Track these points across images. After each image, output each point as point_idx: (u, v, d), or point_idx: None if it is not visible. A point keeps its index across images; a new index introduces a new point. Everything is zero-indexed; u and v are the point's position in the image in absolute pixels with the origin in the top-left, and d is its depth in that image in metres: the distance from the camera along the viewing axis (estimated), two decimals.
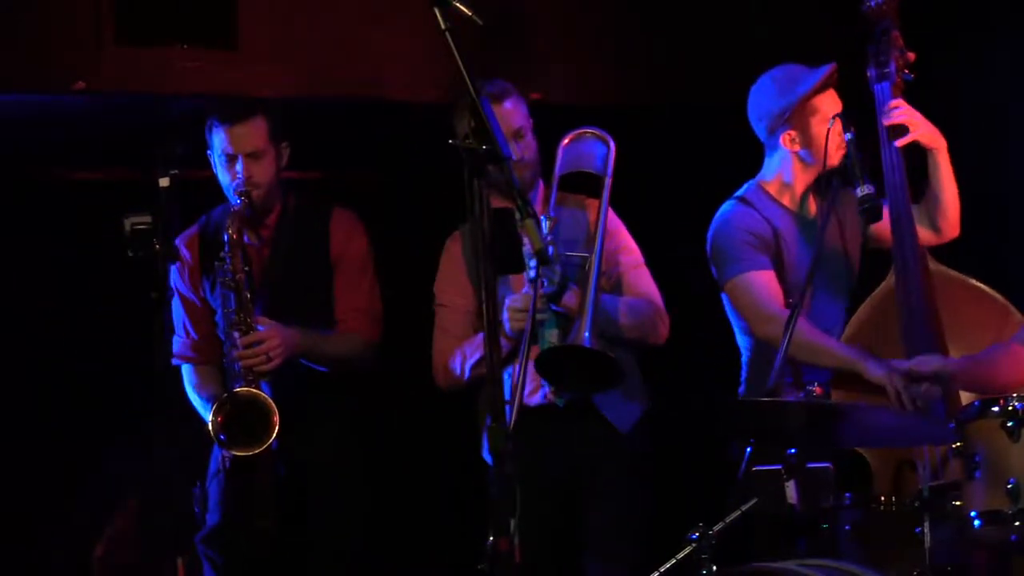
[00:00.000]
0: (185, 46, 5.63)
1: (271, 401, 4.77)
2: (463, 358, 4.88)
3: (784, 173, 4.94)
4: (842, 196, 4.89)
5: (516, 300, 4.67)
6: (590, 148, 4.87)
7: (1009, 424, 4.05)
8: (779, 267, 4.86)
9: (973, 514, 4.07)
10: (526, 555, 3.80)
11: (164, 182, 4.67)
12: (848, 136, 4.64)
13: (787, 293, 4.82)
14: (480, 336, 4.82)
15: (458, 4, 3.77)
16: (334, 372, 4.99)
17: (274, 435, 4.75)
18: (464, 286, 4.95)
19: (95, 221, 5.13)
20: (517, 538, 4.04)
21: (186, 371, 5.09)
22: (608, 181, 4.81)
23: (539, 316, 4.62)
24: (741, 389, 4.93)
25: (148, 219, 4.61)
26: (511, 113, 4.85)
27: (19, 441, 5.84)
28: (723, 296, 4.98)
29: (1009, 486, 4.02)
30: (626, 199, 5.02)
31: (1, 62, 5.52)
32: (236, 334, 4.81)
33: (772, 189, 4.96)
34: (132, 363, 4.90)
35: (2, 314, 5.87)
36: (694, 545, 4.04)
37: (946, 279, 4.74)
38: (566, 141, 4.87)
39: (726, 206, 4.99)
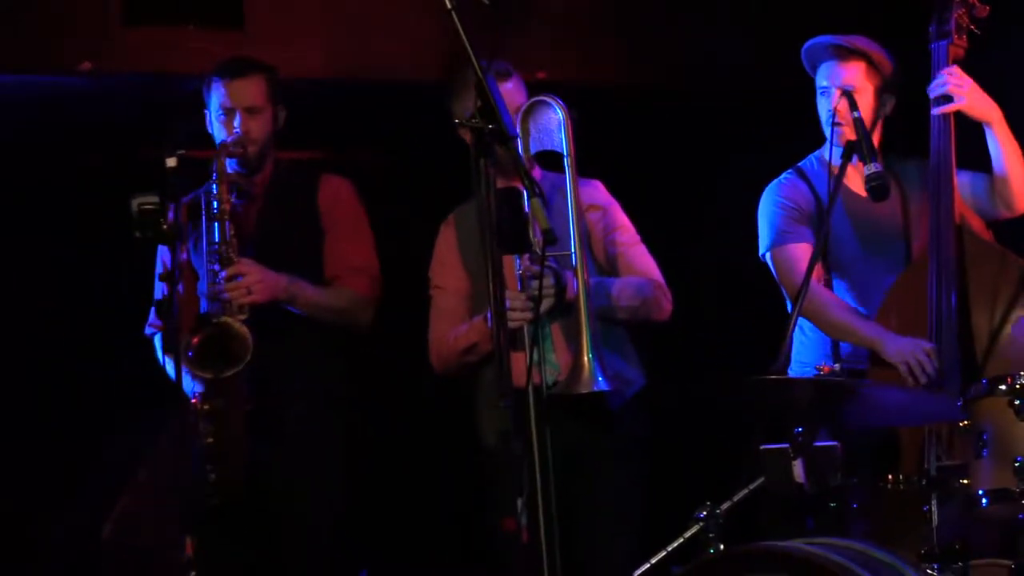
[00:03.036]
0: (192, 27, 5.63)
1: (247, 330, 4.74)
2: (452, 343, 4.86)
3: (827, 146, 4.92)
4: (906, 169, 4.88)
5: (512, 298, 4.56)
6: (546, 123, 4.71)
7: (1017, 402, 4.05)
8: (825, 240, 4.82)
9: (980, 492, 4.08)
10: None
11: (171, 162, 4.68)
12: (856, 115, 4.62)
13: (830, 267, 4.83)
14: (464, 326, 4.82)
15: None
16: (328, 335, 4.95)
17: (244, 363, 4.71)
18: (458, 269, 4.92)
19: (101, 201, 5.13)
20: (524, 518, 4.05)
21: (159, 339, 5.05)
22: (570, 159, 4.66)
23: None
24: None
25: (155, 199, 4.62)
26: (512, 93, 4.80)
27: (20, 431, 5.86)
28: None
29: (1017, 464, 4.03)
30: (629, 180, 5.01)
31: (7, 43, 5.53)
32: (217, 267, 4.79)
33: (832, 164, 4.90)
34: (136, 348, 4.94)
35: (11, 295, 5.88)
36: (701, 524, 4.05)
37: (982, 249, 4.71)
38: (518, 120, 4.70)
39: (781, 176, 4.99)
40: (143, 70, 5.58)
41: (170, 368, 4.98)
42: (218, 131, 4.95)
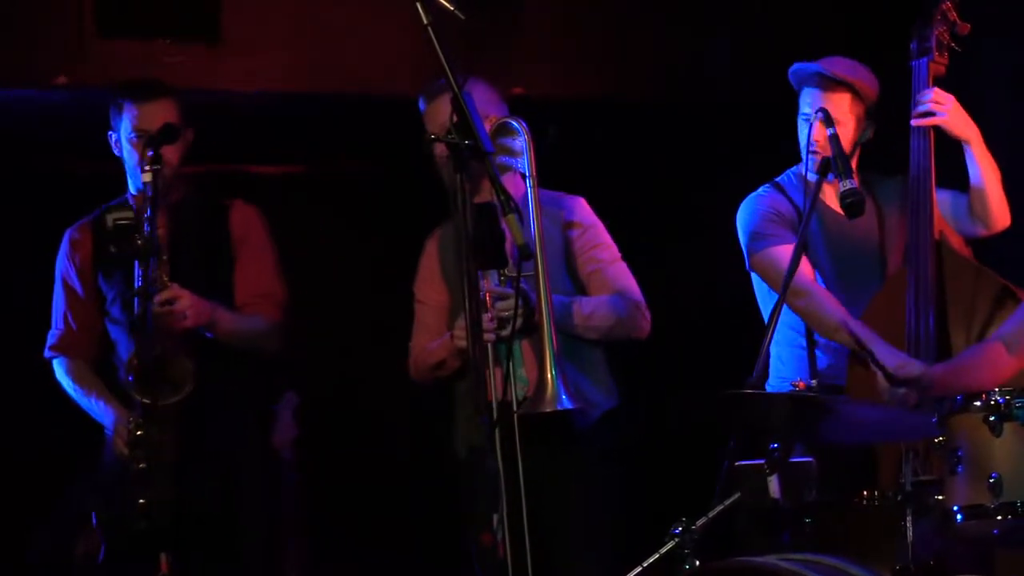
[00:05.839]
0: (168, 40, 5.62)
1: (189, 358, 4.75)
2: (425, 357, 4.87)
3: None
4: (884, 187, 4.89)
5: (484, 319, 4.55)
6: (509, 144, 4.69)
7: (991, 419, 4.05)
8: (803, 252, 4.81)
9: (955, 508, 4.08)
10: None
11: (146, 177, 4.68)
12: (831, 131, 4.62)
13: None
14: (436, 343, 4.83)
15: None
16: (245, 354, 4.99)
17: (186, 390, 4.73)
18: (439, 284, 4.93)
19: (75, 216, 5.12)
20: (501, 533, 4.05)
21: (61, 364, 5.07)
22: (532, 179, 4.64)
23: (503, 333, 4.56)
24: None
25: (130, 214, 4.61)
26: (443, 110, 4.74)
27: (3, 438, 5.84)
28: (753, 281, 4.98)
29: (991, 480, 4.03)
30: (605, 194, 5.01)
31: None
32: (151, 290, 4.76)
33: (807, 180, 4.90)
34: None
35: None
36: (677, 540, 4.04)
37: (960, 265, 4.71)
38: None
39: (758, 189, 4.99)
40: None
41: (77, 395, 5.00)
42: (128, 154, 4.91)
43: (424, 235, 5.05)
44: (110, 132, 4.95)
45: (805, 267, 4.75)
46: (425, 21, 3.76)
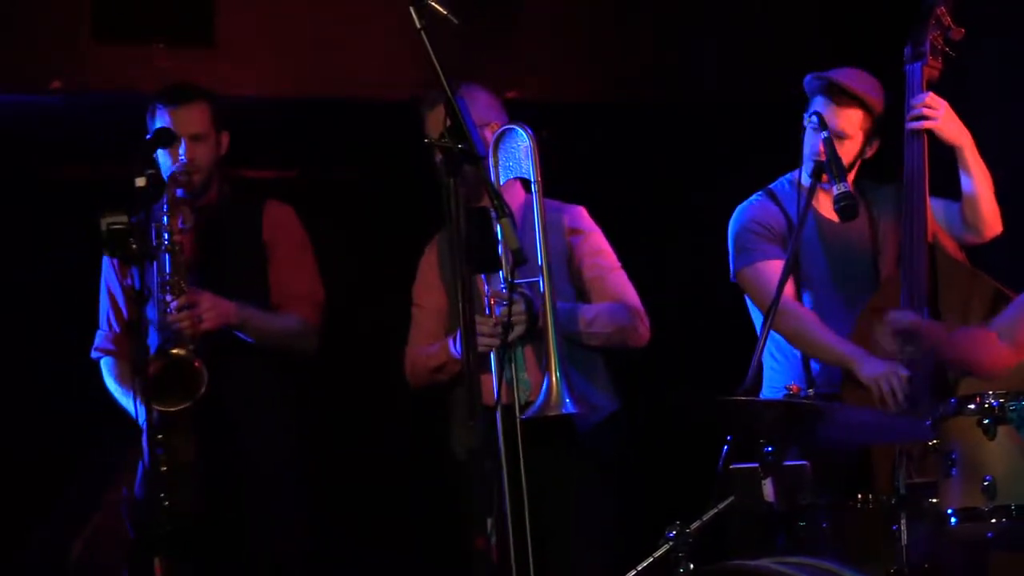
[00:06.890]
0: (162, 44, 5.63)
1: (202, 365, 4.76)
2: (424, 361, 4.88)
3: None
4: (877, 194, 4.89)
5: (482, 323, 4.57)
6: (515, 150, 4.70)
7: (985, 421, 4.05)
8: (795, 264, 4.81)
9: (949, 511, 4.08)
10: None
11: (140, 182, 4.68)
12: (824, 135, 4.62)
13: (800, 288, 4.83)
14: (436, 345, 4.85)
15: (434, 3, 3.77)
16: (275, 357, 4.99)
17: (197, 397, 4.73)
18: (438, 289, 4.95)
19: (71, 221, 5.12)
20: (495, 537, 4.06)
21: (107, 364, 5.08)
22: (537, 185, 4.65)
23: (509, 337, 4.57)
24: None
25: (124, 219, 4.61)
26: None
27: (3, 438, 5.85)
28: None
29: (985, 483, 4.03)
30: (603, 196, 5.02)
31: None
32: (168, 297, 4.79)
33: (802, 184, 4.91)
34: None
35: None
36: (671, 543, 4.04)
37: (953, 268, 4.72)
38: (491, 146, 4.71)
39: (751, 197, 4.99)
40: (113, 88, 5.57)
41: (119, 395, 5.01)
42: (163, 158, 4.94)
43: (420, 240, 5.06)
44: (148, 137, 4.95)
45: (787, 287, 4.74)
46: (418, 25, 3.76)
